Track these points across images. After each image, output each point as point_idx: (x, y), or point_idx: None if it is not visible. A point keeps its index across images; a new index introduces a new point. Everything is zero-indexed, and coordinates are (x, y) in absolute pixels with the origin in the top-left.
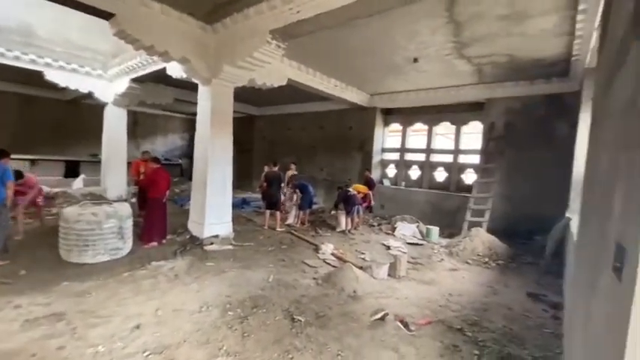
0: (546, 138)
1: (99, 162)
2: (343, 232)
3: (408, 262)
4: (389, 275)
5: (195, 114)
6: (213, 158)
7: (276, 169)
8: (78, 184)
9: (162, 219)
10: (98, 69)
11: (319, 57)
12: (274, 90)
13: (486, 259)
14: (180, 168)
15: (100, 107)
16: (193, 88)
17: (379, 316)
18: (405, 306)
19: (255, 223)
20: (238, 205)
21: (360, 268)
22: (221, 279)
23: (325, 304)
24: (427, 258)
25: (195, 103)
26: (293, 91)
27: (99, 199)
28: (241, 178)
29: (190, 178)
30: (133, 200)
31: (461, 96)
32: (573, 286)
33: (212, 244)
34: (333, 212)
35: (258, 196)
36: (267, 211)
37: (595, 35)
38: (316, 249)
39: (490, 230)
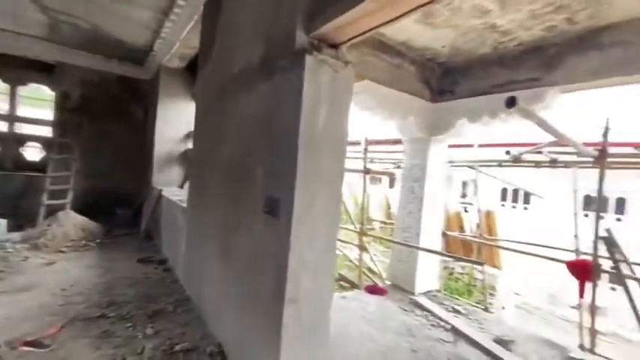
0: (124, 116)
1: None
2: None
3: None
4: None
5: None
6: None
7: None
8: None
9: None
10: None
11: None
12: None
13: (83, 242)
14: None
15: None
16: None
17: None
18: (16, 327)
19: None
20: None
21: None
22: None
23: None
24: (4, 261)
25: None
26: None
27: None
28: None
29: None
30: None
31: (22, 48)
32: (189, 236)
33: None
34: None
35: None
36: None
37: (177, 45)
38: None
39: (74, 210)
